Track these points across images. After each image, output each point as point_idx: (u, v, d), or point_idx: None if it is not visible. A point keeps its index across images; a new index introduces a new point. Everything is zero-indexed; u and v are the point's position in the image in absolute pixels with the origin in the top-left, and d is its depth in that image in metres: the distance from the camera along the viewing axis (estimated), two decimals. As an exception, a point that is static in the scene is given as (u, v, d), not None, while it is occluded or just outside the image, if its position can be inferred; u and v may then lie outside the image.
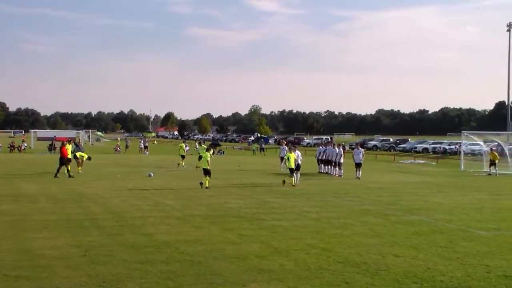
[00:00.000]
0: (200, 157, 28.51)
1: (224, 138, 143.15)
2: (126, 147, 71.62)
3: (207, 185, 24.11)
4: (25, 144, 71.57)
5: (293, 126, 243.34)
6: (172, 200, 20.14)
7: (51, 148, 63.44)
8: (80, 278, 9.15)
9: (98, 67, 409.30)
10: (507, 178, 34.83)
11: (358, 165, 31.65)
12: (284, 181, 26.56)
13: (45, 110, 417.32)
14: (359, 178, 30.65)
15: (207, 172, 24.52)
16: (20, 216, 15.64)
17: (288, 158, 27.13)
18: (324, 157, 35.01)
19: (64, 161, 29.56)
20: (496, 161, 37.42)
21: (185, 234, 13.19)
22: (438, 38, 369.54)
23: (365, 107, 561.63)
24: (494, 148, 41.16)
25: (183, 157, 40.02)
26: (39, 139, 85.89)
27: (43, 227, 13.92)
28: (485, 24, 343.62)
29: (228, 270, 9.84)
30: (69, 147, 32.01)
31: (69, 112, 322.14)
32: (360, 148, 34.12)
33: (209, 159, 24.74)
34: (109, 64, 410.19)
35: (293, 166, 27.03)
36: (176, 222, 15.08)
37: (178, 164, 38.75)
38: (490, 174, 36.89)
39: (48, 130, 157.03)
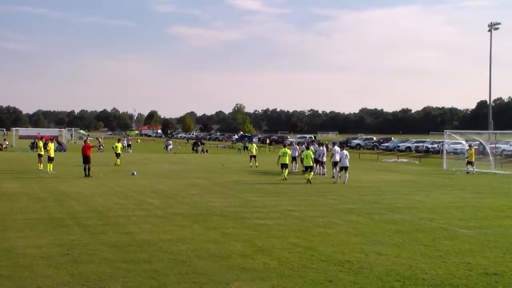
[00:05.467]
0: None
1: (208, 137, 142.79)
2: (129, 146, 68.45)
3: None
4: (7, 143, 70.82)
5: (277, 124, 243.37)
6: (155, 198, 20.07)
7: (33, 146, 62.86)
8: (63, 278, 9.09)
9: (81, 65, 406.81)
10: (489, 176, 35.14)
11: (345, 168, 28.48)
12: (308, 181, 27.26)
13: (27, 108, 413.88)
14: (344, 182, 27.74)
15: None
16: (1, 216, 15.48)
17: (306, 156, 27.93)
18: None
19: (88, 159, 29.17)
20: (473, 160, 37.57)
21: (168, 233, 13.16)
22: (420, 37, 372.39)
23: (349, 106, 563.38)
24: (475, 147, 41.41)
25: (118, 155, 39.30)
26: (21, 137, 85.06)
27: (24, 226, 13.81)
28: (466, 25, 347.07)
29: (212, 269, 9.82)
30: (51, 146, 31.84)
31: (52, 110, 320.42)
32: (345, 151, 29.36)
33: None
34: (92, 62, 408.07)
35: (310, 163, 27.86)
36: (159, 221, 15.02)
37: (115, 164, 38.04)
38: (468, 172, 37.09)
39: (30, 128, 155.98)
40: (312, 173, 28.28)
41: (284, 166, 29.74)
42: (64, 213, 16.23)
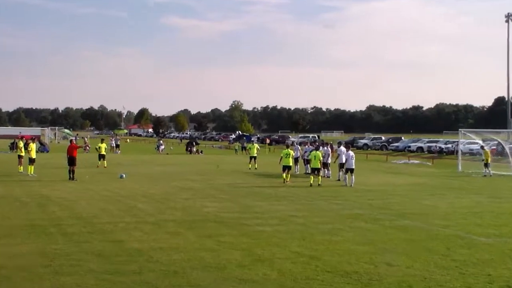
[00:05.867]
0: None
1: (203, 136, 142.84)
2: (117, 146, 68.58)
3: None
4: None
5: (277, 123, 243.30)
6: (145, 203, 20.02)
7: (13, 147, 62.79)
8: (43, 291, 9.02)
9: (64, 59, 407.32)
10: (508, 179, 35.08)
11: (350, 171, 28.61)
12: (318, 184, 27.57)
13: (6, 105, 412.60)
14: (351, 185, 27.85)
15: None
16: (-23, 222, 15.43)
17: (314, 157, 28.10)
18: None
19: (74, 161, 29.01)
20: (489, 161, 37.52)
21: (160, 241, 13.10)
22: (432, 29, 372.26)
23: (355, 103, 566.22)
24: (493, 148, 41.31)
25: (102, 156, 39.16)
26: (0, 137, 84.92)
27: (2, 234, 13.76)
28: (481, 15, 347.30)
29: (207, 281, 9.78)
30: (33, 146, 31.78)
31: (34, 108, 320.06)
32: (350, 152, 29.87)
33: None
34: (77, 55, 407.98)
35: (318, 165, 28.04)
36: (149, 228, 14.97)
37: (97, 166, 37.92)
38: (485, 175, 37.06)
39: (9, 127, 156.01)
40: (320, 177, 28.30)
41: (286, 168, 29.69)
42: (46, 219, 16.17)
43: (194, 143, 73.31)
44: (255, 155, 40.67)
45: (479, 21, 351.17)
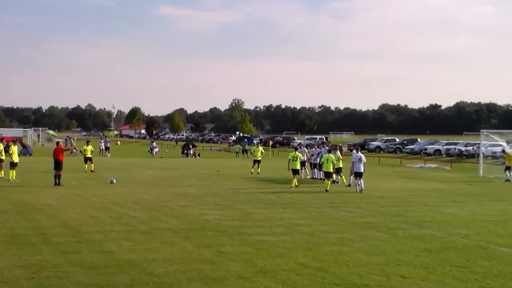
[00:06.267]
0: None
1: (201, 138, 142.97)
2: (107, 149, 68.34)
3: None
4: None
5: (282, 123, 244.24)
6: (138, 211, 20.07)
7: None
8: (27, 305, 9.08)
9: (48, 53, 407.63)
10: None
11: (358, 175, 28.61)
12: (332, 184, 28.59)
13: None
14: (361, 191, 27.93)
15: None
16: (-45, 231, 15.50)
17: (327, 160, 28.71)
18: (319, 160, 35.03)
19: (60, 164, 29.09)
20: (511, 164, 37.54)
21: (154, 252, 13.15)
22: (452, 19, 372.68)
23: (367, 102, 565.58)
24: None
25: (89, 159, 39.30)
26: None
27: (-18, 243, 13.79)
28: (506, 4, 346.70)
29: (205, 294, 9.80)
30: (14, 149, 31.87)
31: (14, 107, 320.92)
32: (359, 154, 29.92)
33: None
34: (62, 49, 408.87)
35: (330, 169, 28.64)
36: (142, 237, 15.02)
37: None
38: (508, 180, 37.07)
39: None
40: (330, 181, 28.51)
41: (294, 172, 30.10)
42: (30, 228, 16.20)
43: (190, 145, 73.34)
44: (259, 158, 40.67)
45: (505, 10, 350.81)
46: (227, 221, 18.11)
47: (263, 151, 43.11)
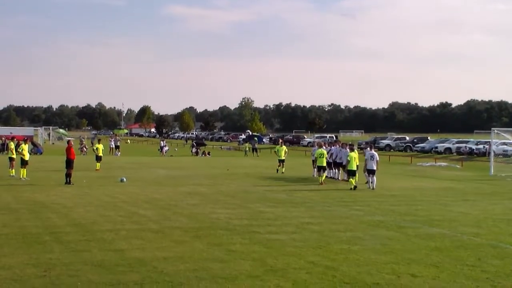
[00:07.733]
0: None
1: (210, 137, 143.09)
2: (117, 147, 69.03)
3: None
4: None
5: (291, 122, 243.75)
6: (148, 210, 20.11)
7: (3, 148, 63.15)
8: (39, 303, 9.11)
9: (59, 52, 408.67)
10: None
11: (371, 172, 29.23)
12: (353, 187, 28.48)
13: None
14: (373, 188, 28.54)
15: None
16: (-34, 229, 15.57)
17: (351, 159, 29.29)
18: (330, 159, 34.98)
19: (72, 163, 29.34)
20: None
21: (164, 250, 13.17)
22: (463, 17, 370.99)
23: (377, 100, 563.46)
24: None
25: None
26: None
27: (-6, 242, 13.86)
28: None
29: (215, 293, 9.81)
30: (25, 147, 31.98)
31: (25, 106, 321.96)
32: (372, 151, 30.56)
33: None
34: (73, 48, 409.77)
35: (354, 168, 29.10)
36: (153, 236, 15.05)
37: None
38: None
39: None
40: (353, 179, 28.81)
41: (321, 169, 31.25)
42: (41, 227, 16.26)
43: (200, 144, 73.43)
44: (283, 158, 40.09)
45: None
46: (237, 219, 18.12)
47: (286, 150, 42.08)
